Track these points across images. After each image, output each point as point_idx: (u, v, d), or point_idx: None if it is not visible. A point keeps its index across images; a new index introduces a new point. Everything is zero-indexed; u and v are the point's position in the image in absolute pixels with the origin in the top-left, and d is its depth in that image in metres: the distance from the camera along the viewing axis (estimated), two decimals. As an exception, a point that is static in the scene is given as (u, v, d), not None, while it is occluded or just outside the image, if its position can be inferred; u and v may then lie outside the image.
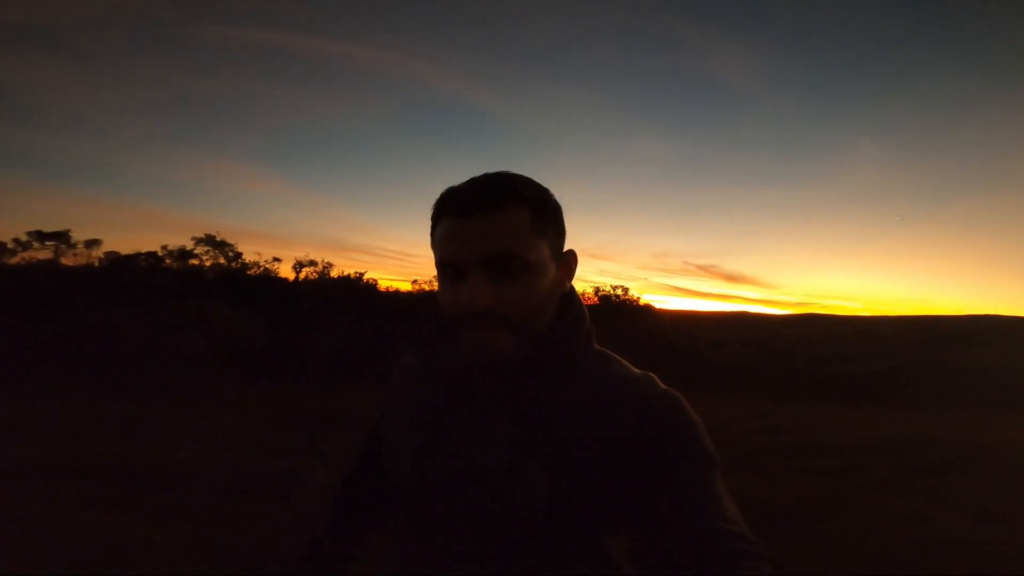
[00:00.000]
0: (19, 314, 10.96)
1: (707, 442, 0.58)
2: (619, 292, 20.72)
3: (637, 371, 0.65)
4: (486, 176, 0.61)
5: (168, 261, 19.60)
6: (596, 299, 19.67)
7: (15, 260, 21.50)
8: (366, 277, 21.60)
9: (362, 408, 7.47)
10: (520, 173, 0.63)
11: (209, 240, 21.00)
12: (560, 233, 0.66)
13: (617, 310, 19.45)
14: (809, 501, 3.63)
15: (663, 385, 0.63)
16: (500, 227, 0.58)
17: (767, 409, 8.88)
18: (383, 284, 22.32)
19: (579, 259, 0.68)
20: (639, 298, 21.04)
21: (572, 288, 0.69)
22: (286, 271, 20.89)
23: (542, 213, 0.62)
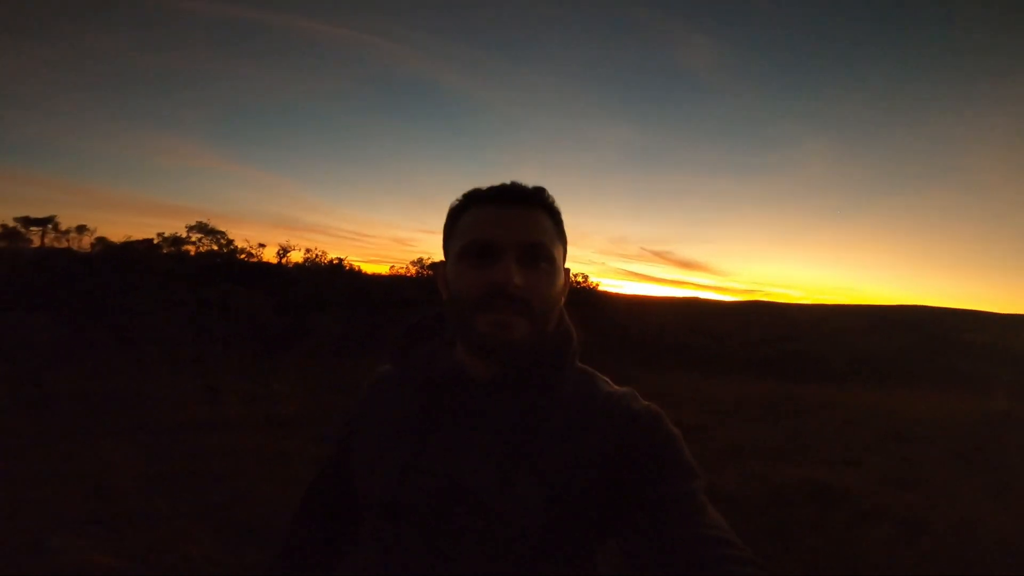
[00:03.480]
0: (55, 299, 12.26)
1: (688, 454, 0.60)
2: (580, 279, 22.82)
3: (619, 388, 0.68)
4: (516, 183, 0.67)
5: (164, 248, 20.76)
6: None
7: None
8: (346, 262, 23.31)
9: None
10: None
11: (201, 227, 22.19)
12: (566, 249, 0.72)
13: (578, 297, 21.62)
14: (705, 428, 6.04)
15: (644, 401, 0.66)
16: (534, 222, 0.65)
17: (696, 382, 11.47)
18: (367, 269, 24.14)
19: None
20: (598, 285, 23.39)
21: (563, 306, 0.72)
22: (268, 255, 22.36)
23: (559, 225, 0.69)
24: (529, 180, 0.68)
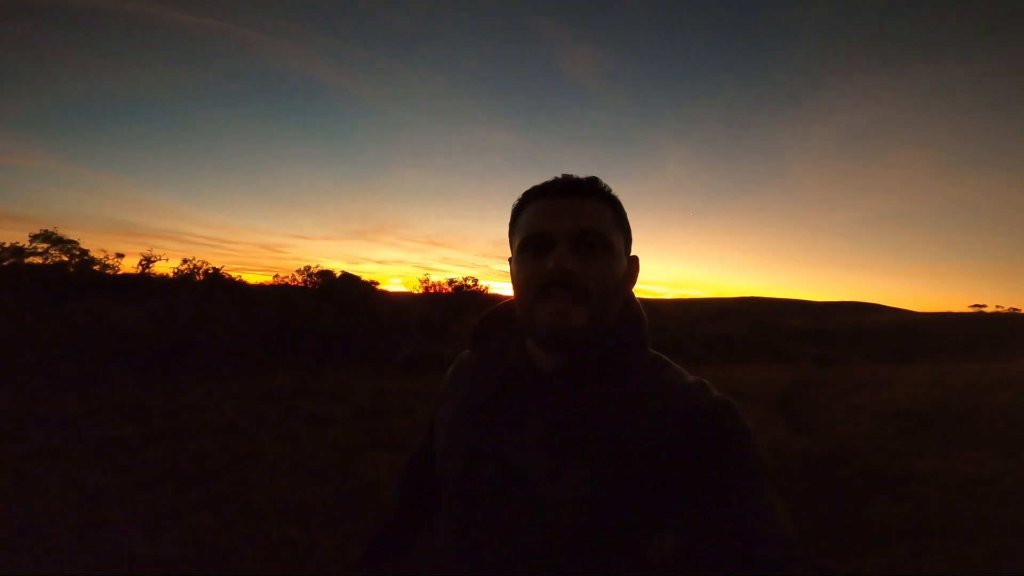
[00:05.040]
0: None
1: (760, 449, 0.58)
2: (470, 282, 21.56)
3: (691, 378, 0.66)
4: (568, 175, 0.68)
5: (5, 260, 18.20)
6: (450, 290, 22.14)
7: None
8: (224, 271, 21.98)
9: (295, 383, 9.45)
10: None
11: (47, 236, 19.57)
12: (629, 237, 0.71)
13: (470, 300, 20.94)
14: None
15: (716, 392, 0.63)
16: (588, 210, 0.65)
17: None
18: (249, 279, 22.89)
19: (420, 245, 0.88)
20: (488, 288, 24.18)
21: (633, 294, 0.72)
22: (128, 266, 20.44)
23: (619, 213, 0.70)
24: (408, 182, 0.89)
